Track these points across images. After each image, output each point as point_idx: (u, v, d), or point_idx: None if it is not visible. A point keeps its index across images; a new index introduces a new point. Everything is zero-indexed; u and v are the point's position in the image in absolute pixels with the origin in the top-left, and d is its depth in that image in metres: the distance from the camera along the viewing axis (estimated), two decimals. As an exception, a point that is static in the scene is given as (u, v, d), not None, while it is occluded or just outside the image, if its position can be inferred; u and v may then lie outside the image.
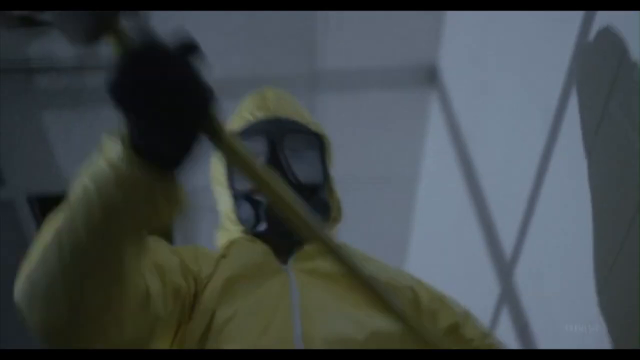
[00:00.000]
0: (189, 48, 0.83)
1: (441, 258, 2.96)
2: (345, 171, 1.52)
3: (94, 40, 0.80)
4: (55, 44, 2.84)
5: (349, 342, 1.10)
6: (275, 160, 1.31)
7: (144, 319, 0.99)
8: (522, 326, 1.95)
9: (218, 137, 0.86)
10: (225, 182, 1.41)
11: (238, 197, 1.37)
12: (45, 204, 3.49)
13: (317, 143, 1.42)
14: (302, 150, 1.38)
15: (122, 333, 0.95)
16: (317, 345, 1.08)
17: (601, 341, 1.39)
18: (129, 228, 0.86)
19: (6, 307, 3.75)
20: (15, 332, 4.34)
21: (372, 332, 1.12)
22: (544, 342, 1.80)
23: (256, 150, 1.32)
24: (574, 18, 1.57)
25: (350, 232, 1.45)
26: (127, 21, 0.83)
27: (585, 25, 1.53)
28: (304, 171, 1.33)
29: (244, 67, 2.95)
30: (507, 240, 2.08)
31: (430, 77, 3.02)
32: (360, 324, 1.13)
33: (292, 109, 1.46)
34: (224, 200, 1.42)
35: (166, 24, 2.94)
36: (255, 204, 1.33)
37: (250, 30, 2.84)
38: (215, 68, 2.95)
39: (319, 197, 1.34)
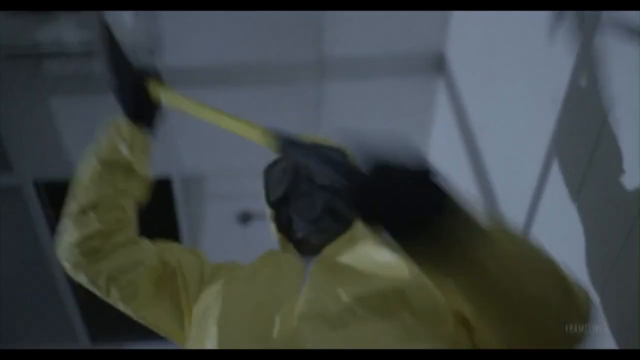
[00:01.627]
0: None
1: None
2: (352, 158, 1.54)
3: None
4: (63, 30, 2.85)
5: (322, 315, 1.11)
6: (301, 169, 1.43)
7: (129, 248, 1.37)
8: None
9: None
10: (266, 202, 1.50)
11: (275, 207, 1.45)
12: (52, 190, 3.51)
13: (340, 157, 1.47)
14: None
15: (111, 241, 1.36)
16: (294, 320, 1.12)
17: (602, 340, 1.39)
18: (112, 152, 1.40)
19: (15, 291, 3.75)
20: (16, 329, 4.38)
21: (348, 304, 1.12)
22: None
23: (288, 166, 1.45)
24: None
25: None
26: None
27: (594, 14, 1.52)
28: (326, 178, 1.38)
29: (252, 55, 2.96)
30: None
31: (437, 65, 3.01)
32: (340, 299, 1.13)
33: (319, 138, 1.53)
34: (271, 220, 1.51)
35: (176, 12, 2.93)
36: (283, 211, 1.42)
37: (258, 18, 2.84)
38: (224, 55, 2.97)
39: (341, 198, 1.37)
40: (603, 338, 1.38)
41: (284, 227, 1.43)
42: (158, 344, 1.48)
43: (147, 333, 1.53)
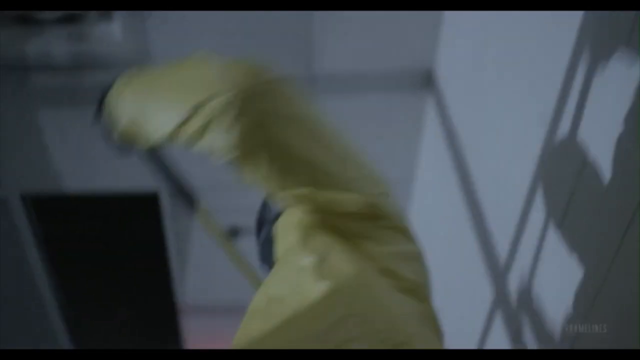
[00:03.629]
0: None
1: (434, 263, 2.95)
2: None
3: None
4: (51, 43, 2.84)
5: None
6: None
7: None
8: (515, 331, 1.96)
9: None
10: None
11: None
12: (39, 203, 3.49)
13: None
14: None
15: None
16: None
17: (597, 343, 1.39)
18: None
19: (3, 302, 3.69)
20: (15, 331, 4.35)
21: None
22: (537, 346, 1.81)
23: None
24: (571, 24, 1.58)
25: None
26: None
27: (583, 31, 1.53)
28: None
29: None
30: (502, 245, 2.08)
31: (426, 81, 3.02)
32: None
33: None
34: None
35: (165, 26, 2.94)
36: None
37: (247, 33, 2.84)
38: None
39: None
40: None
41: (264, 248, 1.44)
42: None
43: (132, 345, 1.52)
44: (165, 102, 1.17)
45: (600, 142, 1.42)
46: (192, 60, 1.20)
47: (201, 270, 3.87)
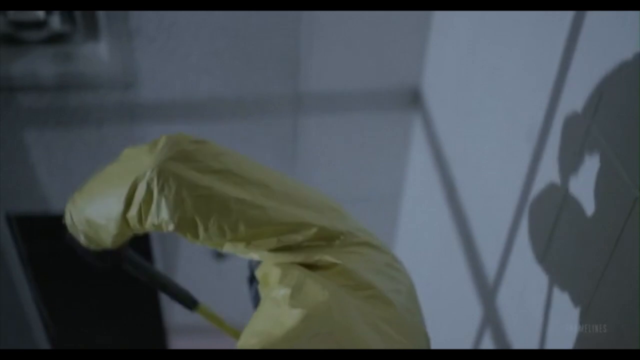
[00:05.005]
0: None
1: (423, 280, 2.95)
2: (328, 192, 1.53)
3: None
4: (37, 63, 2.83)
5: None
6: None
7: None
8: (504, 347, 1.95)
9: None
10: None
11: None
12: (25, 224, 3.46)
13: None
14: None
15: None
16: None
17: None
18: None
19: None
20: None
21: None
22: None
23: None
24: (556, 43, 1.59)
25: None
26: None
27: (567, 52, 1.54)
28: None
29: (228, 89, 2.95)
30: (490, 262, 2.08)
31: (413, 99, 3.03)
32: None
33: None
34: None
35: (152, 46, 2.93)
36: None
37: (234, 53, 2.85)
38: (199, 89, 2.95)
39: None
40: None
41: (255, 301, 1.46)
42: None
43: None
44: (106, 198, 1.26)
45: (587, 155, 1.43)
46: (125, 153, 1.28)
47: (189, 290, 3.85)
